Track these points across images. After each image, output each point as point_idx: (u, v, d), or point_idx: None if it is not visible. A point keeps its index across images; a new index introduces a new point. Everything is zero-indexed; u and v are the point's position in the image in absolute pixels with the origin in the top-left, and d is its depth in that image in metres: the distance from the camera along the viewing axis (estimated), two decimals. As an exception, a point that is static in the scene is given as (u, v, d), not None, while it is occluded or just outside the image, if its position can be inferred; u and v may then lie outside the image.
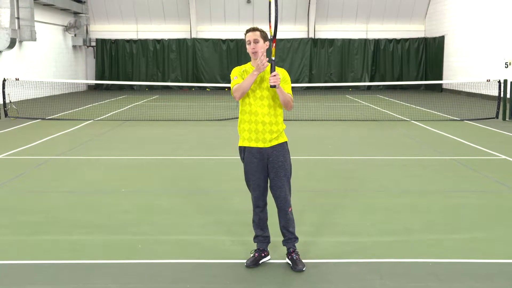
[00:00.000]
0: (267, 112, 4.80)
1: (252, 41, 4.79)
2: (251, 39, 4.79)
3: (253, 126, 4.82)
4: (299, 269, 4.81)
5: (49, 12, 27.81)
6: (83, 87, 32.01)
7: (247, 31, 4.87)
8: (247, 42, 4.83)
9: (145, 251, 5.35)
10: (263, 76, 4.80)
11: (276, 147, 4.83)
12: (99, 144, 12.08)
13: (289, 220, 4.92)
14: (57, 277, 4.72)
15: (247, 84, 4.69)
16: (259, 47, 4.78)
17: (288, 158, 4.91)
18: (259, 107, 4.79)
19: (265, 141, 4.81)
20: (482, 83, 22.31)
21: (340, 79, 32.29)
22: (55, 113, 18.09)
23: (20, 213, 6.66)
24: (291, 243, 4.96)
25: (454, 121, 16.21)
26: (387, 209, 6.84)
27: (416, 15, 32.83)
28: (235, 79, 4.83)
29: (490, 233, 5.92)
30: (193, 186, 8.08)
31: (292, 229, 4.95)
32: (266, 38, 4.84)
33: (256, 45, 4.78)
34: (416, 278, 4.69)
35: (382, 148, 11.42)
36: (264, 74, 4.80)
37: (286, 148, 4.92)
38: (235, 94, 4.78)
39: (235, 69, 4.92)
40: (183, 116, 17.36)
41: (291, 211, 4.92)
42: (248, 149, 4.87)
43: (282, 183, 4.85)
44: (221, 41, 32.33)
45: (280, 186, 4.85)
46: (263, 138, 4.81)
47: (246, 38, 4.84)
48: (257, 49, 4.77)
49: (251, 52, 4.80)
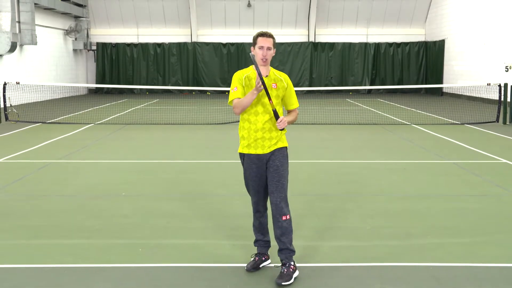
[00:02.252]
0: (268, 119, 4.74)
1: (266, 47, 4.69)
2: (264, 46, 4.69)
3: (252, 134, 4.74)
4: (278, 282, 4.57)
5: (50, 16, 27.85)
6: (84, 90, 32.04)
7: (260, 34, 4.74)
8: (259, 47, 4.70)
9: (145, 255, 5.35)
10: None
11: (274, 152, 4.76)
12: (99, 148, 12.08)
13: (281, 228, 4.68)
14: (57, 281, 4.72)
15: (247, 102, 4.66)
16: (270, 54, 4.72)
17: (285, 163, 4.78)
18: (260, 115, 4.73)
19: (264, 147, 4.75)
20: (482, 87, 22.32)
21: (341, 83, 32.31)
22: (55, 116, 18.09)
23: (21, 217, 6.65)
24: (283, 254, 4.72)
25: (455, 125, 16.21)
26: (387, 213, 6.84)
27: (416, 19, 32.86)
28: (235, 91, 4.74)
29: (491, 237, 5.92)
30: (193, 190, 8.08)
31: (285, 239, 4.69)
32: (275, 45, 4.81)
33: (268, 52, 4.70)
34: (417, 282, 4.68)
35: (382, 152, 11.42)
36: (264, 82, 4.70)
37: (284, 153, 4.81)
38: (235, 110, 4.76)
39: (236, 75, 4.82)
40: (184, 120, 17.37)
41: (285, 219, 4.68)
42: (247, 156, 4.82)
43: (274, 188, 4.69)
44: (221, 45, 32.36)
45: (272, 191, 4.71)
46: (262, 145, 4.74)
47: (259, 43, 4.70)
48: (267, 57, 4.70)
49: (260, 59, 4.70)
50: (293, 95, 4.89)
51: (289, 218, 4.72)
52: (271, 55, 4.75)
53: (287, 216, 4.71)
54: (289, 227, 4.72)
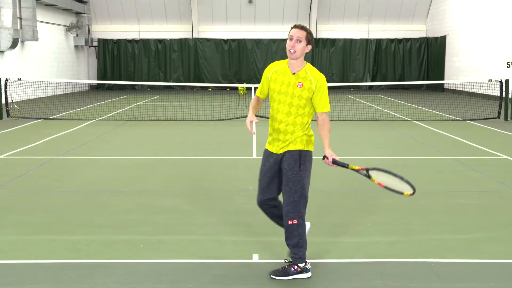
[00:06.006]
0: (285, 120, 4.56)
1: (295, 38, 4.47)
2: (294, 36, 4.48)
3: (273, 131, 4.67)
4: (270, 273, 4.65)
5: (51, 12, 27.84)
6: (85, 87, 32.04)
7: (294, 26, 4.54)
8: (289, 37, 4.50)
9: (147, 250, 5.36)
10: (288, 81, 4.57)
11: (285, 154, 4.60)
12: (101, 144, 12.09)
13: (288, 231, 4.60)
14: (59, 276, 4.73)
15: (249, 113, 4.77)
16: (299, 47, 4.49)
17: (295, 167, 4.53)
18: (280, 113, 4.58)
19: (278, 147, 4.64)
20: (483, 83, 22.30)
21: (342, 79, 32.28)
22: (57, 113, 18.11)
23: (23, 213, 6.67)
24: (290, 255, 4.71)
25: (456, 121, 16.20)
26: (388, 209, 6.85)
27: (417, 15, 32.80)
28: (258, 88, 4.81)
29: (492, 233, 5.93)
30: (195, 186, 8.09)
31: (290, 242, 4.59)
32: (311, 41, 4.55)
33: (297, 44, 4.48)
34: (418, 278, 4.69)
35: (383, 148, 11.42)
36: (290, 79, 4.57)
37: (295, 156, 4.54)
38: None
39: (267, 69, 4.73)
40: (185, 116, 17.37)
41: (292, 224, 4.54)
42: (266, 150, 4.77)
43: (283, 190, 4.61)
44: (223, 41, 32.34)
45: (282, 194, 4.64)
46: (277, 144, 4.65)
47: (290, 33, 4.51)
48: (296, 49, 4.48)
49: (288, 50, 4.50)
50: (321, 98, 4.58)
51: (296, 223, 4.55)
52: (302, 49, 4.51)
53: (294, 221, 4.54)
54: (296, 232, 4.56)
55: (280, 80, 4.60)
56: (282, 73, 4.61)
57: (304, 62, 4.63)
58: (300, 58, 4.59)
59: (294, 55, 4.51)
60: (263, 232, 5.82)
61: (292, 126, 4.57)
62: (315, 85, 4.56)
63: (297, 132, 4.58)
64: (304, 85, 4.55)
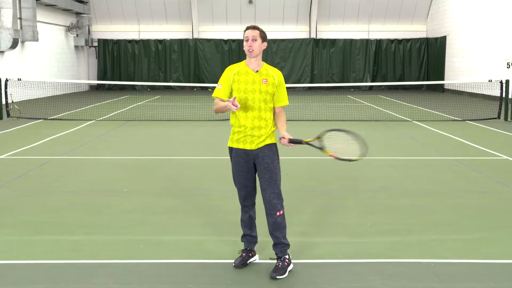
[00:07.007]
0: (257, 115, 4.74)
1: (251, 38, 4.71)
2: (249, 36, 4.71)
3: (242, 129, 4.76)
4: (272, 276, 4.67)
5: (51, 13, 27.85)
6: (85, 87, 32.05)
7: (247, 28, 4.78)
8: (245, 38, 4.73)
9: (147, 251, 5.36)
10: (253, 79, 4.74)
11: (262, 149, 4.75)
12: (101, 144, 12.10)
13: (275, 224, 4.74)
14: (59, 277, 4.73)
15: (220, 109, 4.75)
16: (256, 45, 4.71)
17: (276, 160, 4.78)
18: (250, 111, 4.73)
19: (252, 143, 4.75)
20: (484, 84, 22.30)
21: (342, 79, 32.28)
22: (57, 113, 18.11)
23: (22, 213, 6.67)
24: (278, 249, 4.80)
25: (456, 122, 16.20)
26: (388, 209, 6.84)
27: (418, 15, 32.81)
28: (219, 89, 4.81)
29: (492, 233, 5.92)
30: (195, 187, 8.09)
31: (278, 234, 4.76)
32: (265, 38, 4.78)
33: (253, 43, 4.71)
34: (418, 278, 4.69)
35: (383, 148, 11.42)
36: (254, 77, 4.74)
37: (274, 150, 4.79)
38: (213, 108, 4.85)
39: (226, 71, 4.85)
40: (185, 116, 17.37)
41: (279, 215, 4.73)
42: (235, 150, 4.85)
43: (266, 185, 4.73)
44: (223, 41, 32.35)
45: (264, 188, 4.75)
46: (250, 141, 4.75)
47: (244, 35, 4.76)
48: (253, 47, 4.70)
49: (247, 50, 4.73)
50: (283, 93, 4.86)
51: (282, 213, 4.76)
52: (259, 46, 4.73)
53: (281, 211, 4.75)
54: (282, 222, 4.77)
55: (244, 80, 4.77)
56: (244, 73, 4.80)
57: (262, 61, 4.86)
58: (259, 56, 4.81)
59: (253, 53, 4.73)
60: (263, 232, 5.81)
61: (265, 120, 4.78)
62: (278, 79, 4.82)
63: (269, 126, 4.80)
64: (268, 81, 4.79)
